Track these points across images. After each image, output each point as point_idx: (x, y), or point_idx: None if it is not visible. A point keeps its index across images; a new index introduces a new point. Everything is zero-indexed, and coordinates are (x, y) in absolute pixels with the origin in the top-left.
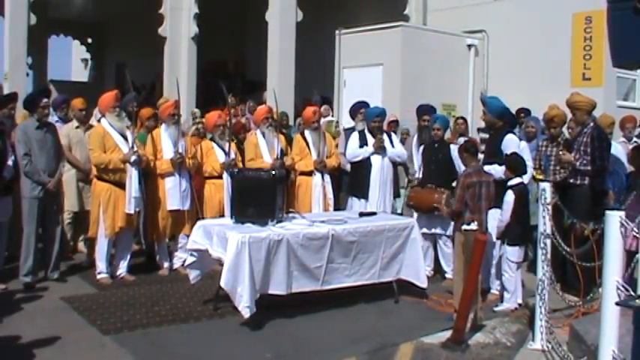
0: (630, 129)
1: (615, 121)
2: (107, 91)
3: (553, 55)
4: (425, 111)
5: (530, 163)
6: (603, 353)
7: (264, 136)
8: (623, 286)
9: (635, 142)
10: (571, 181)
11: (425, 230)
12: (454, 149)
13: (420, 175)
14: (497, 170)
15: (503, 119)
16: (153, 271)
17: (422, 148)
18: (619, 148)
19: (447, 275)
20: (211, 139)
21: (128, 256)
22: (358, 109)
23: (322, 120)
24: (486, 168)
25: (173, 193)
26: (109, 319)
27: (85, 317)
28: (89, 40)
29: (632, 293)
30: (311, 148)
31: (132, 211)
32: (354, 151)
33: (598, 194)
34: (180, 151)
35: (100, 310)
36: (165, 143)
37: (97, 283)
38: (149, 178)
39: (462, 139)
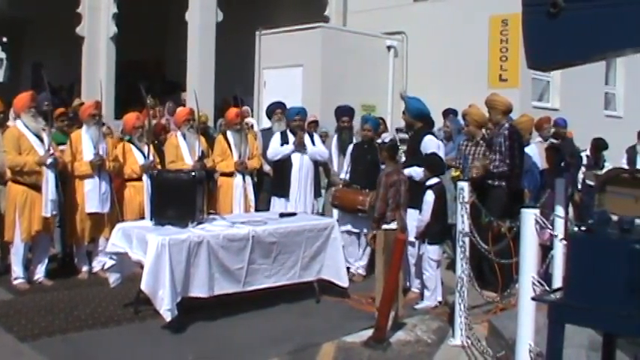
0: (547, 129)
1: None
2: (23, 92)
3: (471, 56)
4: (344, 112)
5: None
6: (520, 347)
7: (184, 138)
8: (538, 282)
9: (551, 141)
10: (489, 182)
11: (350, 228)
12: None
13: (347, 175)
14: (417, 172)
15: (421, 120)
16: (72, 275)
17: (351, 147)
18: (535, 148)
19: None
20: (129, 141)
21: (46, 260)
22: (274, 109)
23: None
24: (406, 171)
25: (92, 196)
26: (26, 325)
27: (0, 324)
28: (4, 39)
29: (547, 288)
30: (232, 149)
31: (49, 214)
32: (275, 149)
33: (514, 193)
34: (100, 152)
35: (17, 316)
36: (86, 145)
37: (14, 289)
38: (67, 180)
39: (386, 138)
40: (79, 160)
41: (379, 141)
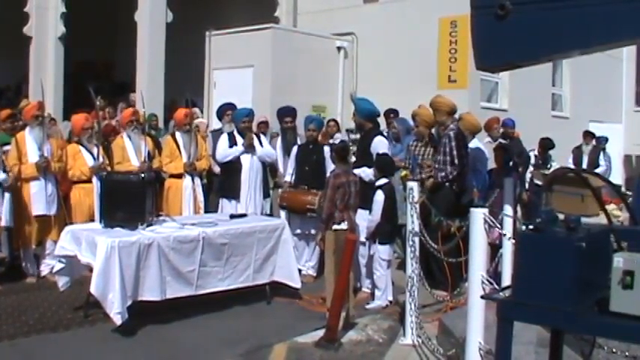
0: (496, 129)
1: (479, 122)
2: None
3: (420, 57)
4: (286, 113)
5: None
6: (470, 345)
7: (130, 139)
8: (488, 280)
9: (499, 141)
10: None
11: (299, 231)
12: (328, 151)
13: (293, 176)
14: (366, 173)
15: (371, 121)
16: (19, 279)
17: (296, 148)
18: (484, 149)
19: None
20: (78, 142)
21: None
22: (225, 110)
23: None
24: (356, 172)
25: (38, 198)
26: None
27: None
28: None
29: (497, 287)
30: (182, 151)
31: None
32: (224, 151)
33: (463, 193)
34: (45, 154)
35: None
36: (30, 146)
37: None
38: (13, 182)
39: (337, 140)
40: (24, 162)
41: (332, 141)
